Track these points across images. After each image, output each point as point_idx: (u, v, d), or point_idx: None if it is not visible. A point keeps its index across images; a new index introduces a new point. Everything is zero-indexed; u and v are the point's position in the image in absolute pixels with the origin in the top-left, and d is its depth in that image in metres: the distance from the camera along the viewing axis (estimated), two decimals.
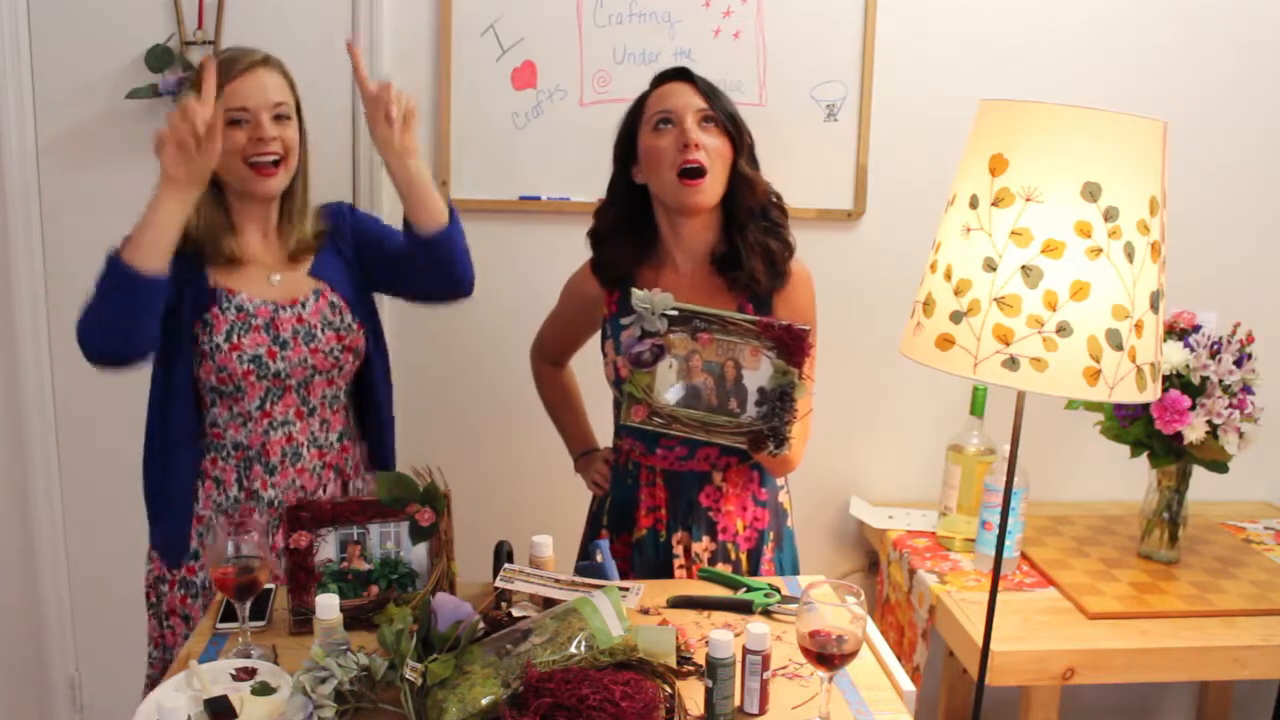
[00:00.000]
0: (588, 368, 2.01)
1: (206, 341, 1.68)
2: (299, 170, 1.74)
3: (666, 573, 1.82)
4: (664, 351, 1.60)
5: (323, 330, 1.75)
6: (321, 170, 1.83)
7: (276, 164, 1.67)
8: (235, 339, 1.68)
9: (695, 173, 1.68)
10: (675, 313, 1.59)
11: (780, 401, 1.60)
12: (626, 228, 1.80)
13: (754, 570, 1.84)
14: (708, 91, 1.72)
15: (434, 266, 1.74)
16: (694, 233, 1.77)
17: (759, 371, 1.60)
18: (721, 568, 1.78)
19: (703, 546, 1.81)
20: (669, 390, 1.61)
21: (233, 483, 1.74)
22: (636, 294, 1.60)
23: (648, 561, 1.83)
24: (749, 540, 1.84)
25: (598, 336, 1.88)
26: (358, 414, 1.90)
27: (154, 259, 1.56)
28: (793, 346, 1.58)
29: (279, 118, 1.67)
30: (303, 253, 1.78)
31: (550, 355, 2.02)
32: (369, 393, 1.87)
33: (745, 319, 1.60)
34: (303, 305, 1.74)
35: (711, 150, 1.69)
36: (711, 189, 1.70)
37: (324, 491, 1.80)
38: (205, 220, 1.68)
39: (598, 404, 2.02)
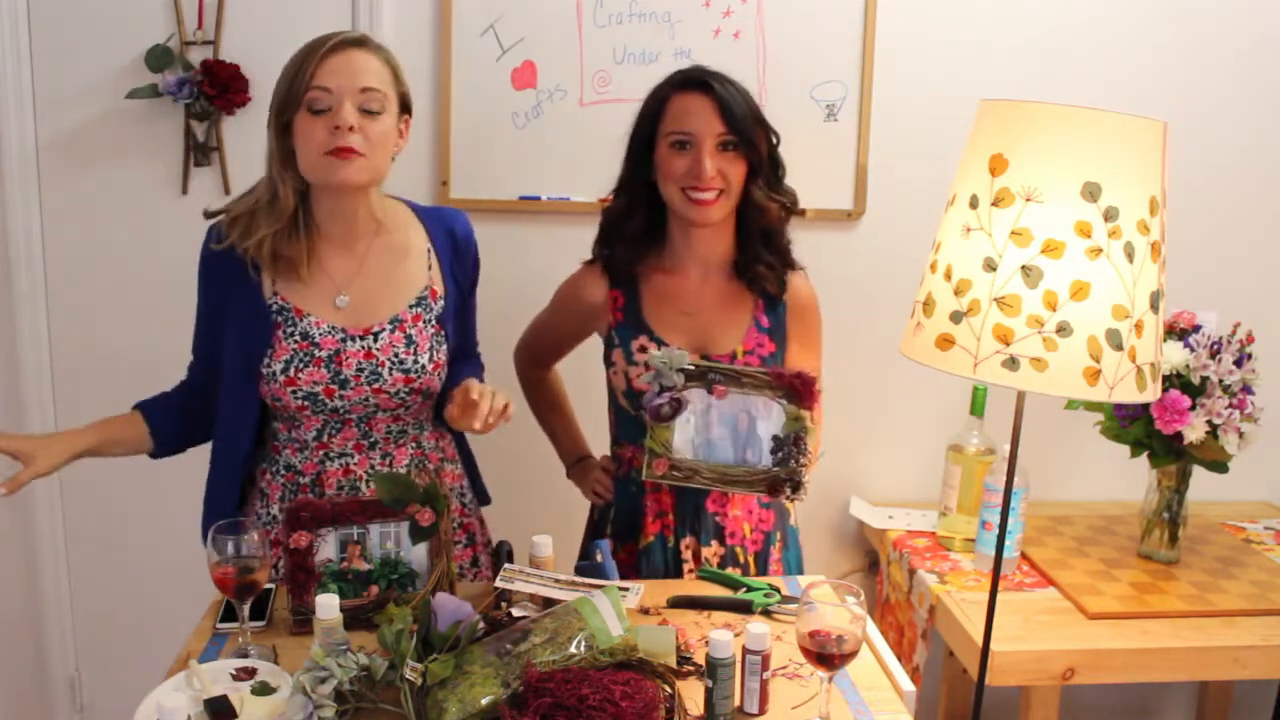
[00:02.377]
0: (575, 376, 2.00)
1: (265, 365, 1.58)
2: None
3: (676, 579, 1.81)
4: (682, 405, 1.65)
5: (390, 371, 1.60)
6: None
7: (353, 155, 1.50)
8: (293, 372, 1.57)
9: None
10: (691, 368, 1.65)
11: (795, 446, 1.64)
12: (641, 227, 1.78)
13: (762, 572, 1.83)
14: (729, 109, 1.67)
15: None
16: (707, 242, 1.77)
17: (771, 420, 1.65)
18: (732, 572, 1.78)
19: (712, 551, 1.81)
20: (688, 445, 1.66)
21: (276, 499, 1.68)
22: (653, 354, 1.67)
23: (656, 568, 1.81)
24: (755, 543, 1.84)
25: (593, 344, 1.87)
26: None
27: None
28: (803, 392, 1.64)
29: (367, 110, 1.51)
30: (389, 256, 1.64)
31: (537, 358, 1.99)
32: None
33: (758, 371, 1.66)
34: (374, 338, 1.60)
35: (728, 175, 1.69)
36: (720, 209, 1.71)
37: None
38: (273, 229, 1.55)
39: (589, 410, 2.01)
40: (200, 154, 2.23)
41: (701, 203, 1.68)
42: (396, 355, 1.62)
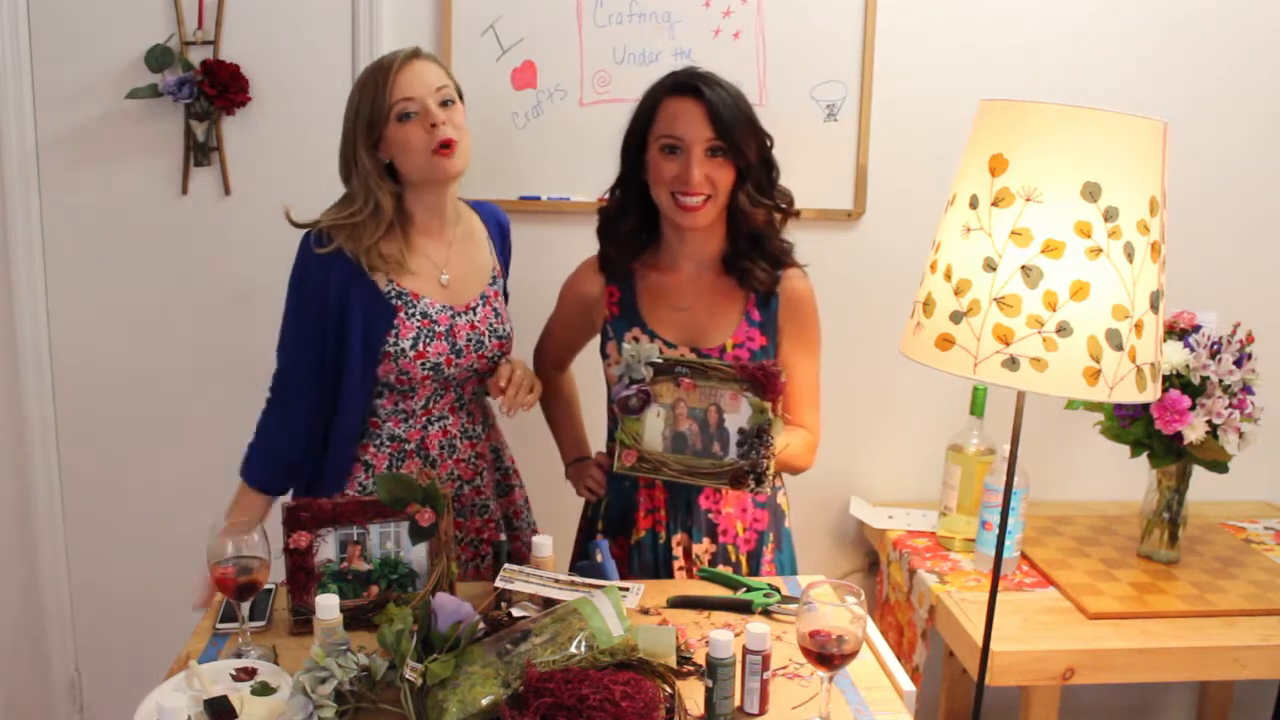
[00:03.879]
0: (586, 372, 2.01)
1: (392, 344, 1.72)
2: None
3: (665, 575, 1.82)
4: (650, 398, 1.69)
5: (490, 338, 1.81)
6: (321, 174, 1.83)
7: (452, 145, 1.68)
8: (421, 346, 1.73)
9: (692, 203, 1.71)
10: (660, 361, 1.68)
11: (758, 438, 1.65)
12: (634, 227, 1.80)
13: (754, 572, 1.84)
14: (718, 115, 1.67)
15: None
16: (698, 241, 1.79)
17: (739, 414, 1.67)
18: (722, 569, 1.78)
19: (703, 548, 1.81)
20: (658, 438, 1.69)
21: (383, 469, 1.78)
22: (625, 346, 1.70)
23: (646, 564, 1.83)
24: (748, 542, 1.84)
25: (597, 341, 1.89)
26: None
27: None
28: (766, 384, 1.64)
29: (445, 103, 1.69)
30: (468, 242, 1.84)
31: (551, 359, 2.02)
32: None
33: (723, 364, 1.68)
34: (474, 311, 1.80)
35: (715, 179, 1.70)
36: (707, 213, 1.72)
37: (481, 479, 1.87)
38: (378, 236, 1.71)
39: (591, 408, 2.03)
40: (200, 154, 2.23)
41: (688, 208, 1.70)
42: (491, 325, 1.83)
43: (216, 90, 2.16)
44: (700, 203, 1.70)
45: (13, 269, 2.23)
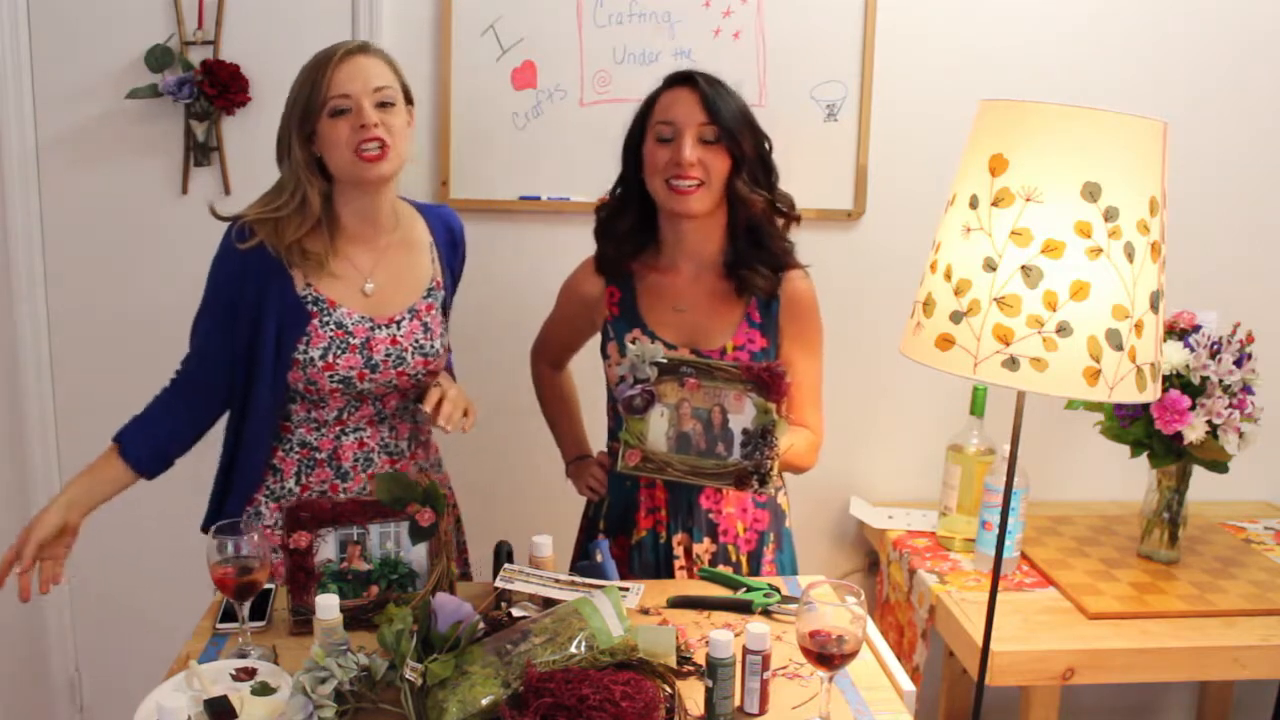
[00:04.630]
0: (585, 372, 2.01)
1: (301, 353, 1.67)
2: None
3: (666, 575, 1.82)
4: (654, 398, 1.68)
5: (413, 355, 1.73)
6: None
7: (382, 149, 1.61)
8: (330, 358, 1.67)
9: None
10: (664, 361, 1.67)
11: (762, 439, 1.64)
12: (632, 226, 1.80)
13: (755, 572, 1.84)
14: (712, 102, 1.69)
15: None
16: (696, 239, 1.78)
17: (743, 414, 1.66)
18: (722, 569, 1.78)
19: (703, 548, 1.81)
20: (662, 438, 1.68)
21: (291, 474, 1.75)
22: (630, 346, 1.69)
23: (647, 563, 1.82)
24: (749, 542, 1.84)
25: (598, 340, 1.88)
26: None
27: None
28: (771, 385, 1.64)
29: (382, 104, 1.62)
30: (404, 250, 1.76)
31: (550, 357, 2.02)
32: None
33: (728, 365, 1.67)
34: (397, 326, 1.72)
35: (709, 166, 1.69)
36: (702, 199, 1.71)
37: None
38: (302, 232, 1.65)
39: (592, 408, 2.02)
40: (200, 154, 2.23)
41: (681, 191, 1.69)
42: (417, 341, 1.74)
43: (216, 90, 2.16)
44: (693, 187, 1.69)
45: (13, 269, 2.24)
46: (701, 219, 1.74)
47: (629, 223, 1.80)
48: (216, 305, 1.70)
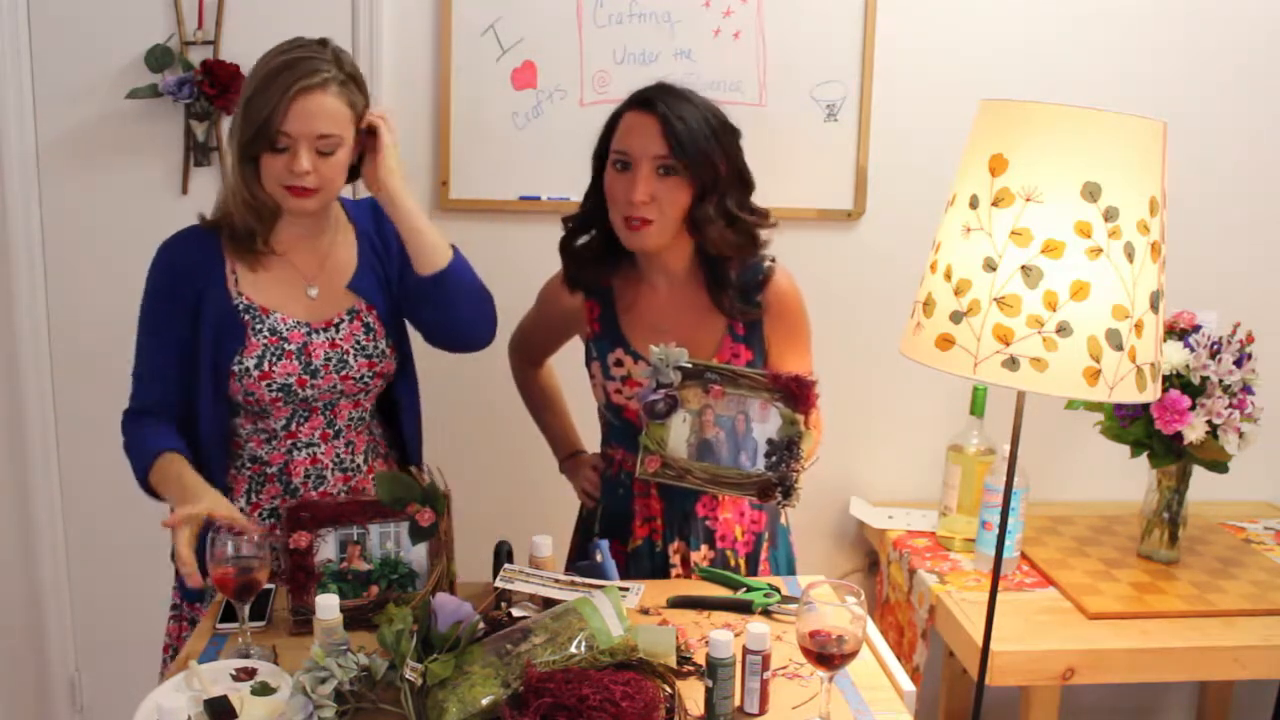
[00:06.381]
0: (574, 375, 2.00)
1: (237, 363, 1.64)
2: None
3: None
4: (677, 403, 1.64)
5: (355, 357, 1.70)
6: None
7: (307, 191, 1.59)
8: (266, 366, 1.64)
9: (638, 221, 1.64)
10: (689, 366, 1.62)
11: (788, 451, 1.61)
12: (599, 248, 1.75)
13: (752, 572, 1.83)
14: (673, 130, 1.60)
15: (434, 309, 1.71)
16: (664, 259, 1.73)
17: (768, 424, 1.62)
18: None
19: (701, 555, 1.80)
20: (682, 444, 1.64)
21: (241, 493, 1.72)
22: (653, 349, 1.63)
23: (643, 571, 1.80)
24: (747, 545, 1.83)
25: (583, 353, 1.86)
26: (385, 424, 1.85)
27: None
28: (799, 396, 1.61)
29: (324, 152, 1.58)
30: (345, 250, 1.73)
31: (529, 356, 1.99)
32: (395, 410, 1.83)
33: (756, 372, 1.63)
34: (336, 329, 1.69)
35: (664, 199, 1.62)
36: (657, 235, 1.65)
37: None
38: (242, 222, 1.64)
39: (582, 406, 2.00)
40: (200, 154, 2.23)
41: (633, 228, 1.64)
42: (359, 343, 1.71)
43: (216, 90, 2.16)
44: (645, 223, 1.63)
45: (13, 269, 2.23)
46: (662, 246, 1.69)
47: (597, 243, 1.75)
48: (155, 316, 1.67)
